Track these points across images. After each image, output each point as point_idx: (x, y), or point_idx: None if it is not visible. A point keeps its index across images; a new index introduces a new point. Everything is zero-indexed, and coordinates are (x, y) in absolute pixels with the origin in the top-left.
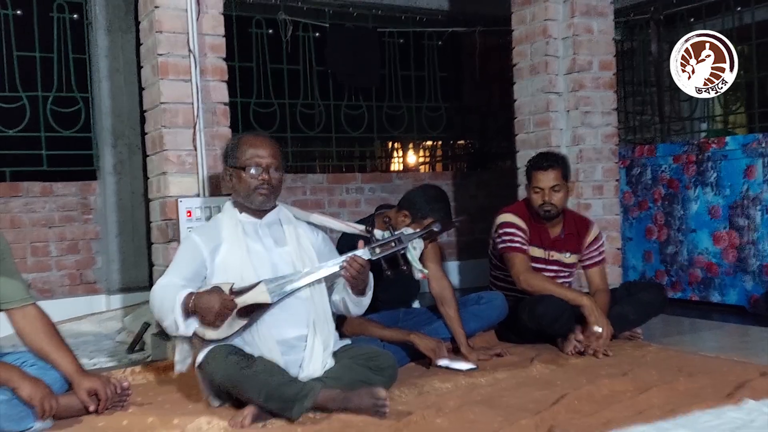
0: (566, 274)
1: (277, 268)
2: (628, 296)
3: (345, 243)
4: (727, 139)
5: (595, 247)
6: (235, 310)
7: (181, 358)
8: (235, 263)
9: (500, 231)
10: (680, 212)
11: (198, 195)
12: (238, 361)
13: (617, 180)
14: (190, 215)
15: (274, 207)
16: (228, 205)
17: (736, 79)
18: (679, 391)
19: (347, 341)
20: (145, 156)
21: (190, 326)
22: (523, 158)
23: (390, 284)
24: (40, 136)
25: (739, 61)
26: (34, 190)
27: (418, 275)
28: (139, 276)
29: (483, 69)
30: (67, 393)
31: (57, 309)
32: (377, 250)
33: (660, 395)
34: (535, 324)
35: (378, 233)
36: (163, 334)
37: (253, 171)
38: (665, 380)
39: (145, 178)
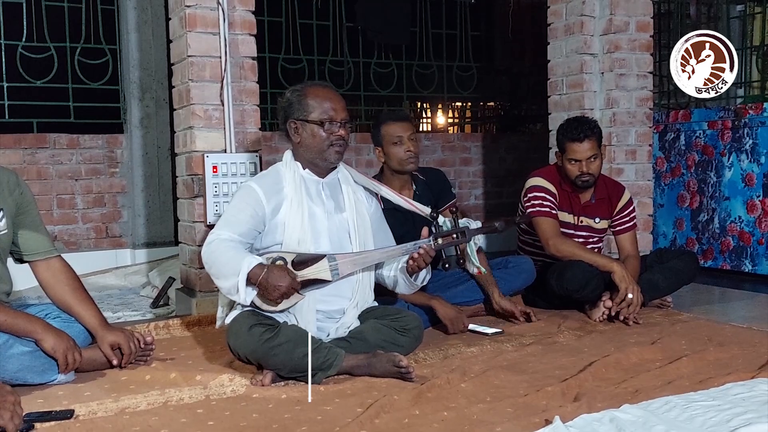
0: (596, 239)
1: (334, 236)
2: (660, 264)
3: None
4: (765, 105)
5: (627, 212)
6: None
7: (222, 316)
8: (295, 226)
9: (529, 195)
10: (714, 179)
11: (224, 150)
12: (262, 333)
13: (650, 145)
14: (216, 171)
15: (335, 167)
16: (288, 157)
17: None
18: (709, 362)
19: (374, 302)
20: (172, 110)
21: (249, 296)
22: (555, 120)
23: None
24: (68, 88)
25: None
26: (60, 142)
27: (473, 270)
28: (165, 231)
29: (516, 29)
30: (90, 346)
31: (82, 262)
32: (439, 241)
33: (689, 365)
34: (563, 290)
35: (440, 220)
36: (187, 290)
37: (329, 126)
38: (695, 350)
39: (172, 132)
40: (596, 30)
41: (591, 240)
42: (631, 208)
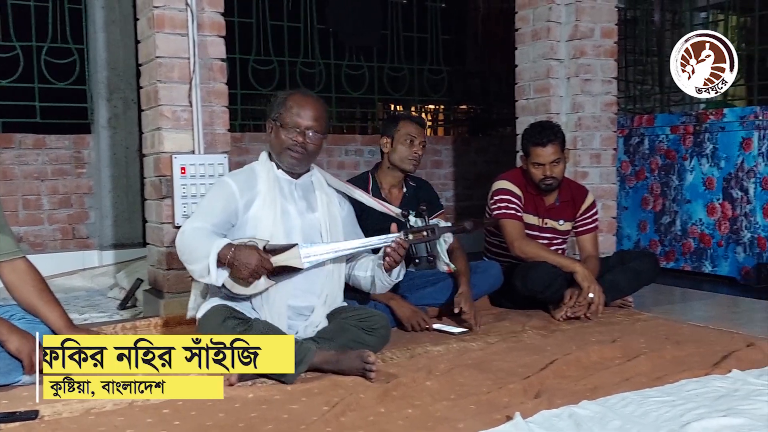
0: (560, 241)
1: (306, 234)
2: (621, 264)
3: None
4: (726, 111)
5: (589, 214)
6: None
7: (195, 305)
8: (268, 221)
9: (495, 198)
10: (676, 183)
11: (193, 152)
12: (235, 326)
13: (615, 149)
14: (184, 172)
15: (308, 170)
16: (264, 157)
17: (737, 50)
18: (666, 359)
19: (343, 303)
20: (140, 111)
21: (221, 276)
22: (522, 125)
23: None
24: (34, 88)
25: (741, 34)
26: (26, 142)
27: (443, 268)
28: (132, 232)
29: (486, 33)
30: None
31: (48, 263)
32: (410, 237)
33: (647, 363)
34: (528, 290)
35: (412, 219)
36: (155, 291)
37: (290, 130)
38: (653, 348)
39: (140, 133)
40: (562, 36)
41: (555, 241)
42: (594, 210)
